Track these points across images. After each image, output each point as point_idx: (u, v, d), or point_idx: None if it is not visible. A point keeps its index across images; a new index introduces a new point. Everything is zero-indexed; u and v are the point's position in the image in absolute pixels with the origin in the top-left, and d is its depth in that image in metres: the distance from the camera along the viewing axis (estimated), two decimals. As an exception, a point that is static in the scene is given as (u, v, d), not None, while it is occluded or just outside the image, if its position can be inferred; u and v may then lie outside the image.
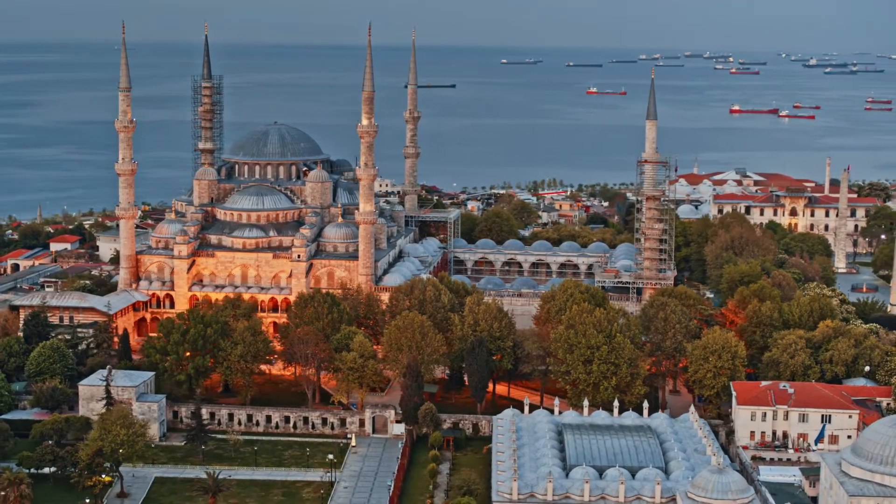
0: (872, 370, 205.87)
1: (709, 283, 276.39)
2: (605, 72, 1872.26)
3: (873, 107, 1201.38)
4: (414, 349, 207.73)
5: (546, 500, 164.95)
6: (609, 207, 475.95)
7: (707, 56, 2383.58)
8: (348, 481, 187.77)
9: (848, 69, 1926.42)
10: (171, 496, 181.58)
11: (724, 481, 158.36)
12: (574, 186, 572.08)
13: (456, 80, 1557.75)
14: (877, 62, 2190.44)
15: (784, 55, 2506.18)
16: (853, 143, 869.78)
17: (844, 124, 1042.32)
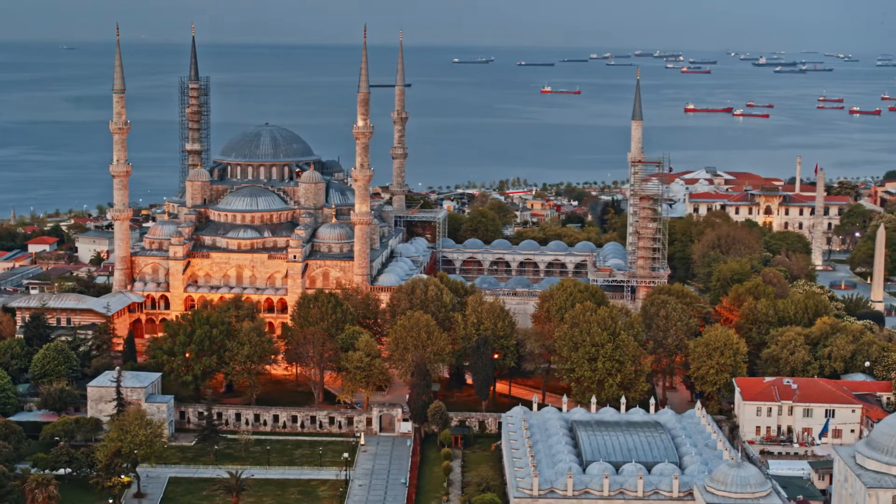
0: (870, 365, 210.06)
1: (696, 281, 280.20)
2: (557, 71, 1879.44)
3: (825, 105, 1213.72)
4: (420, 348, 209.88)
5: (566, 495, 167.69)
6: (579, 207, 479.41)
7: (657, 55, 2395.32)
8: (362, 479, 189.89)
9: (797, 68, 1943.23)
10: (188, 496, 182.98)
11: (743, 475, 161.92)
12: (538, 185, 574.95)
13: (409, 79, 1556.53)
14: (825, 61, 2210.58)
15: (733, 54, 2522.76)
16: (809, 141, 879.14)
17: (798, 123, 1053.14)
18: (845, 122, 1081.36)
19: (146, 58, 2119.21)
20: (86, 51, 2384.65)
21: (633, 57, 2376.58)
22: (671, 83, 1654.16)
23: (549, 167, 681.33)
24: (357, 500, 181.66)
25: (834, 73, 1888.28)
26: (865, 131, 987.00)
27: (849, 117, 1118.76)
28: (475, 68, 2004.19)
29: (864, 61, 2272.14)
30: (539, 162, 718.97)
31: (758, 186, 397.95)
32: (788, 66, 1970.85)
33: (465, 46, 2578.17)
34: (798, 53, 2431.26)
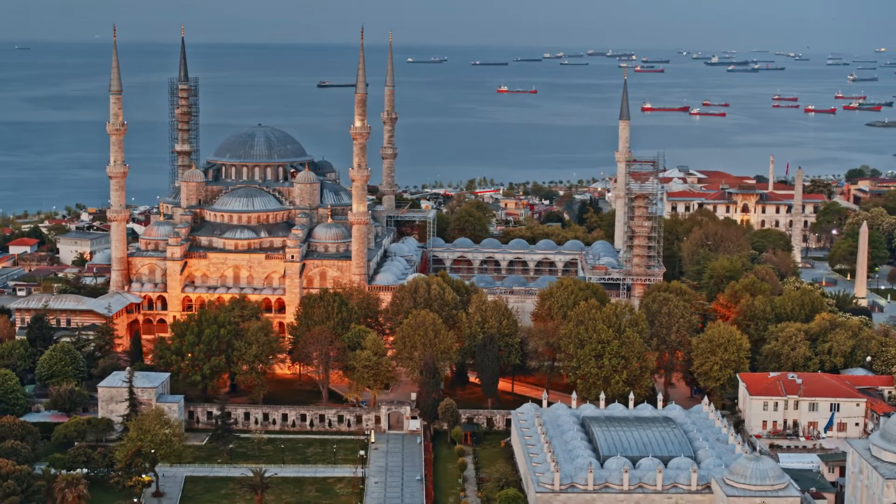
0: (871, 360, 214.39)
1: (685, 278, 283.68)
2: (512, 70, 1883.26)
3: (780, 104, 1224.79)
4: (428, 346, 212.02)
5: (586, 489, 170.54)
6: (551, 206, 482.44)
7: (610, 54, 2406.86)
8: (377, 476, 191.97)
9: (749, 67, 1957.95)
10: (206, 494, 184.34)
11: (762, 468, 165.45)
12: (505, 185, 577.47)
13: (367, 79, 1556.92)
14: (776, 60, 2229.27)
15: (685, 53, 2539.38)
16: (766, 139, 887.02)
17: (755, 121, 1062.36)
18: (801, 120, 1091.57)
19: (108, 57, 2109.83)
20: (39, 51, 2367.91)
21: (585, 56, 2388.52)
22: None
23: (513, 166, 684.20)
24: (375, 498, 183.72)
25: (786, 71, 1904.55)
26: (821, 130, 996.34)
27: (804, 116, 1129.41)
28: (429, 68, 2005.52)
29: (815, 60, 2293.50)
30: (502, 161, 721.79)
31: (735, 185, 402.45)
32: (741, 65, 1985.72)
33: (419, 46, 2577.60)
34: (749, 52, 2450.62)
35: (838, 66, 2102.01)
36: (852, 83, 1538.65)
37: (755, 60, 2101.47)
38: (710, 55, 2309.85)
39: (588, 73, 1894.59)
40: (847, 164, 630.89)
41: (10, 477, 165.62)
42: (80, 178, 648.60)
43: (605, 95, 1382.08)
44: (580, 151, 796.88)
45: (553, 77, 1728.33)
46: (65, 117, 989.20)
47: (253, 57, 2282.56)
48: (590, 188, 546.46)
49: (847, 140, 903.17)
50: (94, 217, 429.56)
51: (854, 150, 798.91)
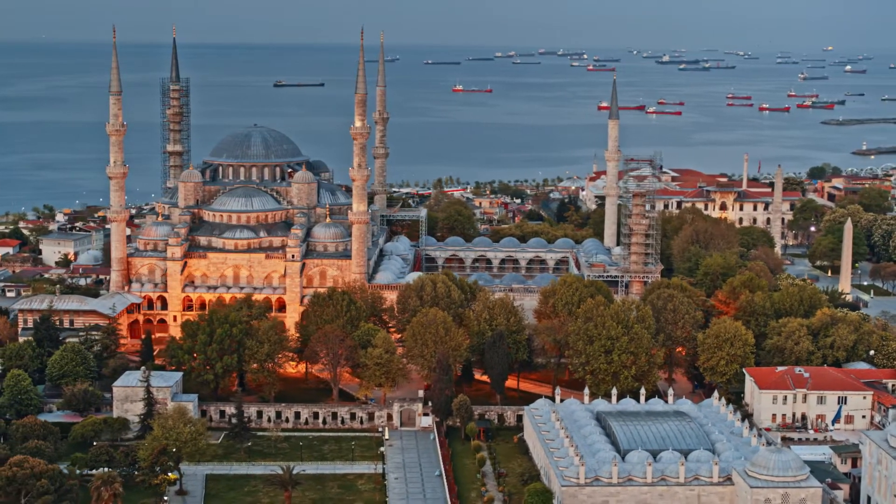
0: (874, 354, 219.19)
1: (676, 275, 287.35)
2: (464, 69, 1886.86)
3: (735, 102, 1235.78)
4: (439, 344, 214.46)
5: (611, 482, 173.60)
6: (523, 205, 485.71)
7: (561, 53, 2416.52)
8: (395, 473, 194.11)
9: (700, 66, 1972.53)
10: (230, 492, 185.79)
11: (784, 459, 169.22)
12: (471, 184, 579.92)
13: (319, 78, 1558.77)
14: (726, 59, 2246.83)
15: (635, 52, 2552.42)
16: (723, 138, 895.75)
17: (710, 120, 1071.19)
18: (756, 119, 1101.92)
19: (55, 57, 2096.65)
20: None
21: (537, 55, 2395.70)
22: (578, 81, 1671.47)
23: (475, 165, 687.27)
24: (398, 493, 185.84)
25: (737, 70, 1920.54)
26: (777, 128, 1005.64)
27: (759, 114, 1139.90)
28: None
29: (764, 59, 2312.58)
30: (464, 160, 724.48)
31: (710, 183, 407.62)
32: (692, 64, 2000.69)
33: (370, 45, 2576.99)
34: (699, 51, 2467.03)
35: (787, 64, 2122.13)
36: (803, 82, 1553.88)
37: (706, 59, 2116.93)
38: (660, 54, 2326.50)
39: (540, 72, 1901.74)
40: (807, 162, 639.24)
41: (43, 476, 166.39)
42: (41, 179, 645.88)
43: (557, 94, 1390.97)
44: (541, 150, 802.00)
45: (506, 76, 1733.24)
46: (17, 118, 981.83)
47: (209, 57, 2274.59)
48: (558, 187, 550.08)
49: (804, 138, 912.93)
50: (69, 218, 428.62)
51: (811, 148, 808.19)
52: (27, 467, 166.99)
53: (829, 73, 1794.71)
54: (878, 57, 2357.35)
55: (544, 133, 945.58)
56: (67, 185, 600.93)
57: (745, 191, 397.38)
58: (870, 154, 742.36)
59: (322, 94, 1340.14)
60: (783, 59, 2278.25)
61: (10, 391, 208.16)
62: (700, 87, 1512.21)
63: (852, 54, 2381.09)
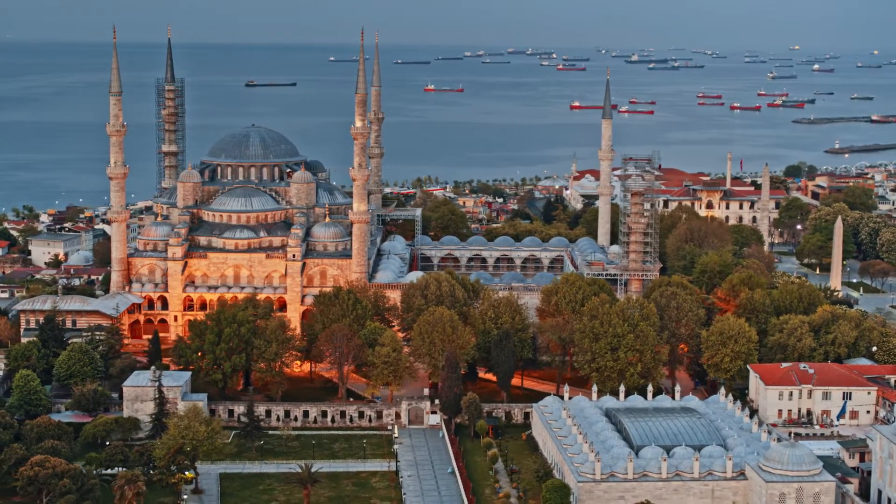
0: (877, 350, 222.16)
1: (671, 273, 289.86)
2: (434, 69, 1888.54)
3: (706, 101, 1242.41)
4: (447, 342, 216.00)
5: (626, 478, 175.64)
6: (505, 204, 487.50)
7: (530, 53, 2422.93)
8: (408, 470, 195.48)
9: (669, 65, 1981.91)
10: (244, 491, 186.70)
11: (798, 454, 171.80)
12: (450, 183, 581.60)
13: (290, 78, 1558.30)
14: (694, 58, 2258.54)
15: (604, 51, 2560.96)
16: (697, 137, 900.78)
17: (683, 119, 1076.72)
18: (727, 117, 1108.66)
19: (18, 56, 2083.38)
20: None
21: (506, 55, 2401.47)
22: (549, 80, 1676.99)
23: (451, 165, 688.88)
24: (412, 491, 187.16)
25: (705, 69, 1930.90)
26: (748, 127, 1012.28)
27: (730, 113, 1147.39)
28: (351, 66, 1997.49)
29: (732, 58, 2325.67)
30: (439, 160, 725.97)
31: (694, 182, 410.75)
32: (661, 63, 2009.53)
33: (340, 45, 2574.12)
34: (667, 50, 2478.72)
35: (755, 63, 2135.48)
36: (772, 80, 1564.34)
37: (674, 58, 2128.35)
38: (628, 53, 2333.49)
39: (510, 71, 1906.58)
40: (782, 161, 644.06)
41: (65, 475, 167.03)
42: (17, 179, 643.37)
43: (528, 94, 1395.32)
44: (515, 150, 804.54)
45: (476, 76, 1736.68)
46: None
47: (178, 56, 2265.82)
48: (538, 186, 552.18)
49: (776, 137, 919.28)
50: (54, 218, 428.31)
51: (784, 147, 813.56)
52: (49, 467, 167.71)
53: (798, 72, 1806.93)
54: (845, 56, 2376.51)
55: (518, 132, 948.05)
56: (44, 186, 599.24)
57: (731, 189, 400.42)
58: (843, 153, 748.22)
59: (295, 94, 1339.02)
60: (751, 58, 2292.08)
61: (19, 392, 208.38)
62: (670, 87, 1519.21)
63: (819, 53, 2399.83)
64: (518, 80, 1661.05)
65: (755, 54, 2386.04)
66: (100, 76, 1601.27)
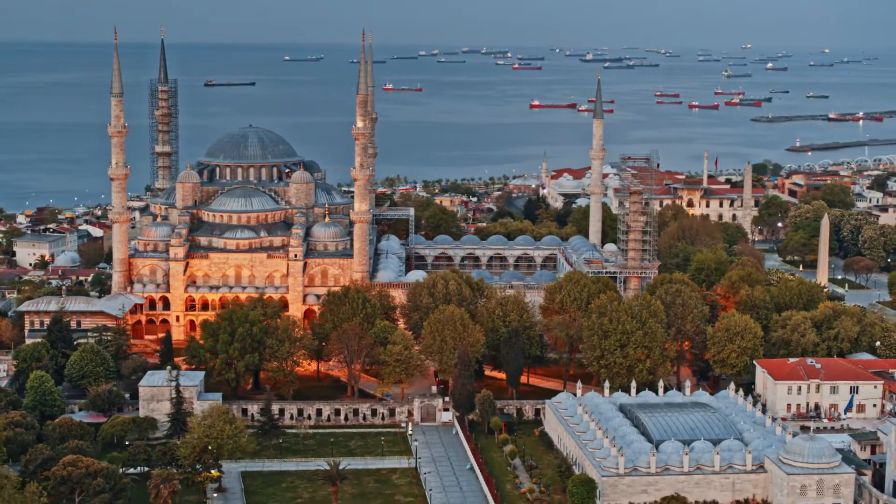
0: (880, 345, 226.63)
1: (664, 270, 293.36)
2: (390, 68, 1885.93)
3: (663, 100, 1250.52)
4: (458, 340, 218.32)
5: (649, 472, 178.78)
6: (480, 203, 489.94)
7: (485, 52, 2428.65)
8: (427, 467, 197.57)
9: (624, 64, 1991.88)
10: (268, 488, 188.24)
11: (818, 447, 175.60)
12: (419, 182, 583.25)
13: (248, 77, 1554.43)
14: (648, 56, 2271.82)
15: (558, 50, 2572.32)
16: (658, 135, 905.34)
17: (642, 118, 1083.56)
18: (686, 116, 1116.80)
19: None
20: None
21: (461, 54, 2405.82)
22: (505, 79, 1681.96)
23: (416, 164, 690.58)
24: (434, 486, 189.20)
25: (660, 68, 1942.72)
26: (708, 125, 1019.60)
27: (688, 112, 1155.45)
28: (306, 66, 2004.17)
29: (686, 56, 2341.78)
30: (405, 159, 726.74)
31: (678, 180, 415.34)
32: (615, 62, 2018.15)
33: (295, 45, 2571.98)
34: (620, 49, 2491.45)
35: (709, 62, 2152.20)
36: (727, 79, 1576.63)
37: (629, 57, 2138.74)
38: (583, 52, 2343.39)
39: (466, 70, 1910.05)
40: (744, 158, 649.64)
41: (98, 475, 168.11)
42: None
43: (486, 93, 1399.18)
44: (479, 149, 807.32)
45: (433, 75, 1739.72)
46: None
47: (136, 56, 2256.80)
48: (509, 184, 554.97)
49: (737, 135, 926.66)
50: (32, 219, 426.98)
51: (746, 145, 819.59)
52: (81, 466, 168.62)
53: (752, 70, 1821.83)
54: (797, 55, 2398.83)
55: (480, 131, 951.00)
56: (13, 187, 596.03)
57: (710, 188, 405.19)
58: (805, 150, 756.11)
59: (254, 94, 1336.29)
60: (704, 56, 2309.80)
61: (33, 392, 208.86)
62: (627, 85, 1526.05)
63: (771, 52, 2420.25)
64: (475, 80, 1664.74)
65: (708, 53, 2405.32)
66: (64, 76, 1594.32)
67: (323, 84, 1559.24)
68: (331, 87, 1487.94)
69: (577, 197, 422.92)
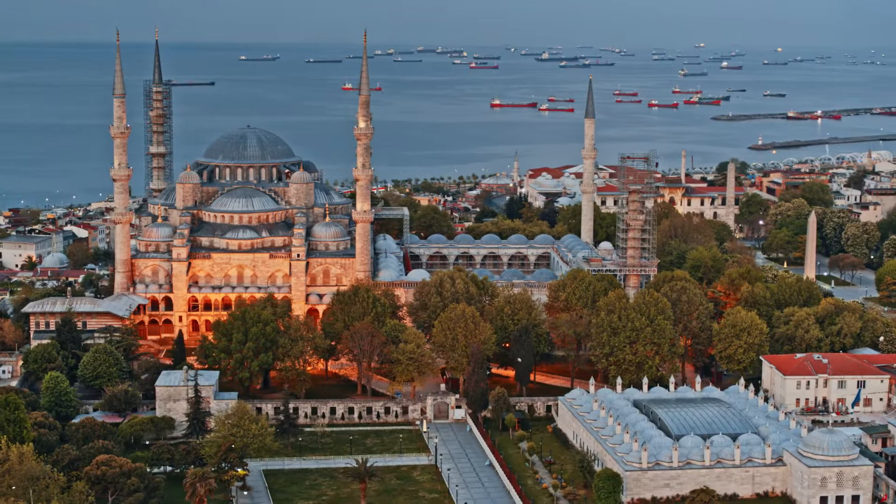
0: (884, 340, 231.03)
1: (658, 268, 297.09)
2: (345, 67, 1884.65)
3: (622, 99, 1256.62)
4: (470, 338, 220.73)
5: (671, 466, 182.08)
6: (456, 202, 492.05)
7: (440, 51, 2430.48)
8: (446, 464, 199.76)
9: (580, 63, 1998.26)
10: (292, 486, 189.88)
11: (837, 440, 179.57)
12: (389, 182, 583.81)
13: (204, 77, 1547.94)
14: (602, 55, 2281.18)
15: (513, 49, 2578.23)
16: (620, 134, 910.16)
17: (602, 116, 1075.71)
18: (646, 115, 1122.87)
19: None
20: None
21: (416, 53, 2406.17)
22: (463, 79, 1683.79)
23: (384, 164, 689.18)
24: (457, 483, 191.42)
25: (616, 67, 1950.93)
26: (668, 124, 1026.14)
27: (648, 110, 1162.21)
28: (262, 66, 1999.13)
29: (640, 55, 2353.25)
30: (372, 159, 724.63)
31: (659, 179, 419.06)
32: (571, 61, 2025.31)
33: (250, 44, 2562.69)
34: (575, 48, 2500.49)
35: (664, 60, 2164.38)
36: (684, 78, 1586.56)
37: (584, 56, 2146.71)
38: (538, 51, 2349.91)
39: (423, 70, 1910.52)
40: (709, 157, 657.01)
41: (133, 474, 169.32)
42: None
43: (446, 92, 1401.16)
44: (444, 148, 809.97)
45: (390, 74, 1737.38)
46: None
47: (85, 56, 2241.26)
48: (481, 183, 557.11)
49: (698, 134, 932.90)
50: (10, 220, 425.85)
51: (708, 144, 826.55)
52: (115, 466, 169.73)
53: (707, 69, 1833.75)
54: (750, 53, 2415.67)
55: (443, 130, 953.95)
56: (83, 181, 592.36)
57: (691, 186, 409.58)
58: (767, 149, 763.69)
59: (214, 93, 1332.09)
60: (658, 55, 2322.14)
61: (49, 393, 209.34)
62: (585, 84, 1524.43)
63: (724, 51, 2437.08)
64: (433, 79, 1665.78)
65: (662, 52, 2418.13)
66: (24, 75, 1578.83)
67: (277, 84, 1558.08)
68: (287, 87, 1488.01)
69: (558, 196, 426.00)
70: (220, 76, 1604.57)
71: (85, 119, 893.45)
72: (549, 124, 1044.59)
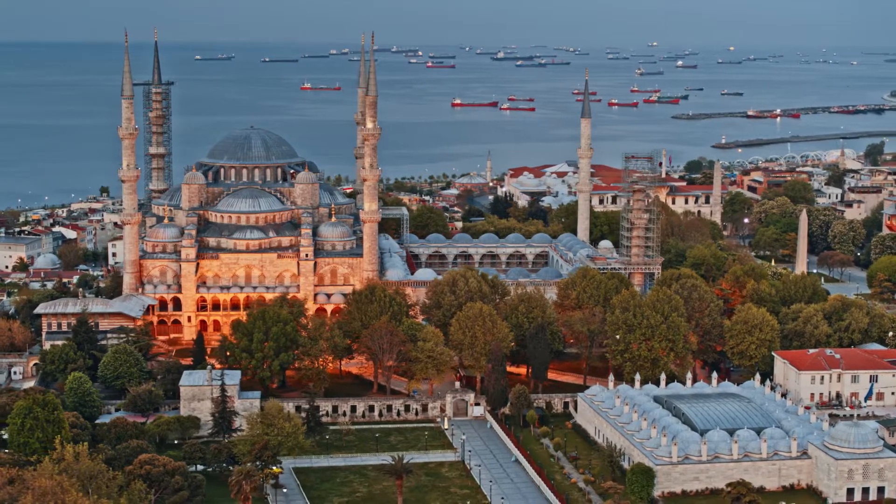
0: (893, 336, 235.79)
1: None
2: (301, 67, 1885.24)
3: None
4: (488, 336, 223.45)
5: (700, 460, 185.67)
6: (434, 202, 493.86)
7: (395, 50, 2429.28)
8: (474, 459, 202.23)
9: (536, 62, 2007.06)
10: (324, 484, 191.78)
11: (863, 433, 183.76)
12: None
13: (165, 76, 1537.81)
14: (557, 55, 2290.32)
15: (468, 49, 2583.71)
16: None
17: (564, 115, 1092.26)
18: (606, 114, 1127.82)
19: None
20: None
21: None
22: (420, 78, 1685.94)
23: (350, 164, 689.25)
24: (486, 479, 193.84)
25: (571, 66, 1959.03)
26: (630, 123, 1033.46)
27: (608, 109, 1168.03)
28: (218, 65, 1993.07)
29: (594, 54, 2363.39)
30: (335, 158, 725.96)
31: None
32: (527, 60, 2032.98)
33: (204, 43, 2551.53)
34: (529, 48, 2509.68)
35: (618, 59, 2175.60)
36: (641, 77, 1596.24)
37: (539, 55, 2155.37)
38: (493, 51, 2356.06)
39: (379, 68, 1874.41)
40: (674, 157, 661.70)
41: (176, 473, 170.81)
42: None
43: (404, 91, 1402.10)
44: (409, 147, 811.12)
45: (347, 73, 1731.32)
46: None
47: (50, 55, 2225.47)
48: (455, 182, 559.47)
49: (660, 132, 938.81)
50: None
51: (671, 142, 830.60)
52: (159, 465, 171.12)
53: (663, 67, 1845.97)
54: (703, 52, 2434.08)
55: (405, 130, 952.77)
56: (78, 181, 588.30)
57: (674, 185, 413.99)
58: (731, 147, 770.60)
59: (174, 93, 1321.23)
60: (613, 54, 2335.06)
61: (73, 394, 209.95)
62: (543, 83, 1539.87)
63: (678, 49, 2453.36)
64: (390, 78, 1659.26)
65: (616, 51, 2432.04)
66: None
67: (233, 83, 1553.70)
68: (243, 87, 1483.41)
69: (542, 195, 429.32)
70: (177, 76, 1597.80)
71: (49, 119, 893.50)
72: (512, 123, 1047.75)
